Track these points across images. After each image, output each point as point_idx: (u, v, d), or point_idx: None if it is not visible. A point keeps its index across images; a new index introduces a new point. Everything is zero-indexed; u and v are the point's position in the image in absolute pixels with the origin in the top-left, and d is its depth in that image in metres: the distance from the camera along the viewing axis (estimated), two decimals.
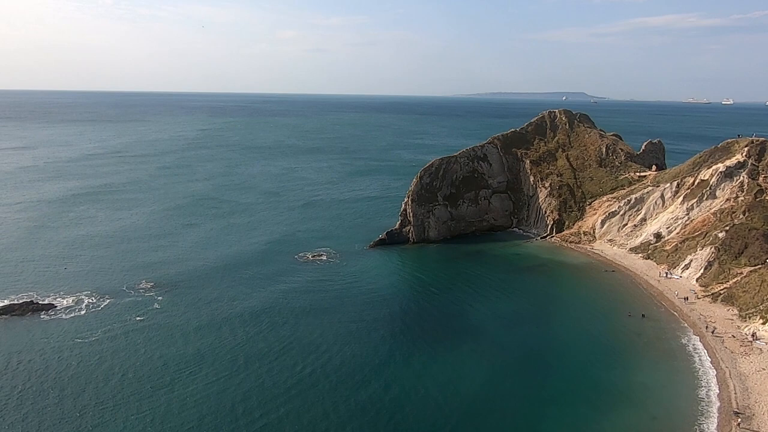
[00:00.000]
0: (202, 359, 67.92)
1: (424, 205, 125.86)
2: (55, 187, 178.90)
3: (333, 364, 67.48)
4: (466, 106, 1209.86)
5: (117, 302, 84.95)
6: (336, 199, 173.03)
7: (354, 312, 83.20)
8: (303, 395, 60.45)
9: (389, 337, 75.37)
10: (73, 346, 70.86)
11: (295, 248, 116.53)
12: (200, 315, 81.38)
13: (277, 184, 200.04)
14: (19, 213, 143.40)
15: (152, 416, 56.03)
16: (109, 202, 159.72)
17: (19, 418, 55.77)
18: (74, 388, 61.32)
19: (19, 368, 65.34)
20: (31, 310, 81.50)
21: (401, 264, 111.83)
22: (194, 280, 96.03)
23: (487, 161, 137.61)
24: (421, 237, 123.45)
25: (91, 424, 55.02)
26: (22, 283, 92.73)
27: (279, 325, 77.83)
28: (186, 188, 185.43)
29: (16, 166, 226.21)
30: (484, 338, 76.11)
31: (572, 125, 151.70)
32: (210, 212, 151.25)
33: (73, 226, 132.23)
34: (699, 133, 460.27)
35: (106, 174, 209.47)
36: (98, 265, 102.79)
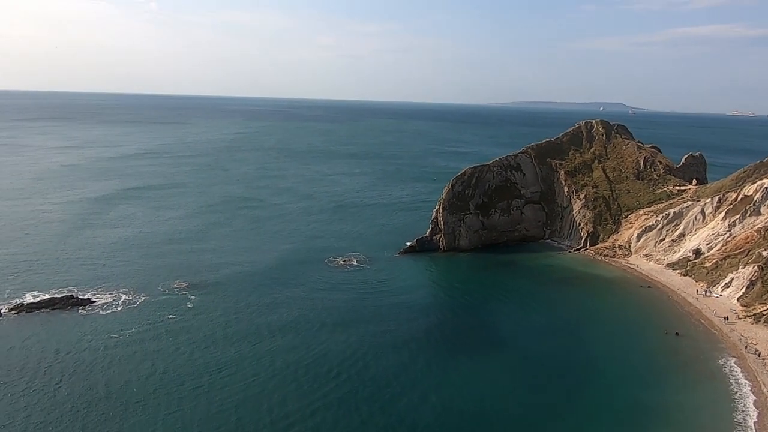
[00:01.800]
0: (239, 361, 68.64)
1: (456, 214, 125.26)
2: (98, 186, 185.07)
3: (369, 372, 67.45)
4: (500, 115, 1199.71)
5: (152, 300, 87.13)
6: (367, 204, 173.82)
7: (386, 320, 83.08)
8: (340, 403, 60.55)
9: (424, 347, 74.91)
10: (109, 342, 72.93)
11: (325, 252, 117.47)
12: (233, 316, 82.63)
13: (309, 187, 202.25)
14: (63, 210, 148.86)
15: (190, 416, 56.95)
16: (147, 201, 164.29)
17: (58, 407, 57.62)
18: (109, 381, 63.03)
19: (59, 360, 67.62)
20: (71, 304, 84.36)
21: (431, 272, 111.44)
22: (227, 280, 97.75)
23: (521, 171, 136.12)
24: (451, 245, 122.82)
25: (121, 416, 56.43)
26: (64, 277, 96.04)
27: (313, 331, 78.20)
28: (221, 189, 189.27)
29: (63, 164, 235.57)
30: (517, 351, 75.10)
31: (609, 136, 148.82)
32: (243, 213, 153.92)
33: (113, 224, 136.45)
34: (743, 147, 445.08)
35: (145, 174, 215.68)
36: (135, 263, 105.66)
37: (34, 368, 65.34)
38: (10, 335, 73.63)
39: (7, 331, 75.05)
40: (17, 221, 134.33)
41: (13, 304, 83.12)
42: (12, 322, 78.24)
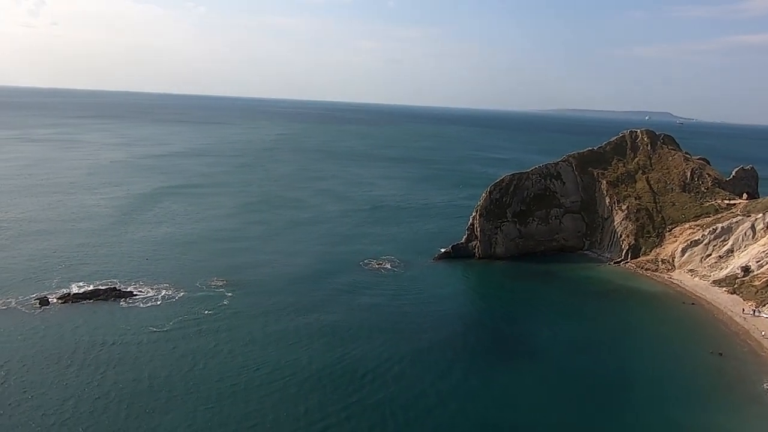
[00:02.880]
0: (276, 360, 69.51)
1: (493, 221, 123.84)
2: (144, 182, 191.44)
3: (405, 379, 67.21)
4: (540, 122, 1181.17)
5: (190, 296, 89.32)
6: (403, 208, 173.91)
7: (421, 327, 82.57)
8: (376, 408, 60.55)
9: (460, 356, 74.25)
10: (150, 335, 75.10)
11: (360, 254, 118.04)
12: (270, 316, 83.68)
13: (347, 189, 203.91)
14: (110, 204, 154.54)
15: (228, 413, 57.95)
16: (188, 198, 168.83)
17: (102, 394, 59.82)
18: (152, 374, 64.92)
19: (105, 350, 70.12)
20: (113, 296, 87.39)
21: (467, 279, 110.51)
22: (263, 279, 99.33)
23: (561, 179, 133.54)
24: (487, 253, 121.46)
25: (162, 408, 58.07)
26: (108, 270, 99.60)
27: (349, 335, 78.33)
28: (260, 189, 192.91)
29: (113, 160, 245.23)
30: (553, 364, 73.57)
31: (654, 146, 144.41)
32: (281, 213, 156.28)
33: (156, 220, 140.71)
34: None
35: (188, 172, 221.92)
36: (175, 259, 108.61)
37: (83, 357, 67.97)
38: (59, 324, 76.84)
39: (56, 319, 78.35)
40: (68, 214, 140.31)
41: (60, 294, 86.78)
42: (60, 310, 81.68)
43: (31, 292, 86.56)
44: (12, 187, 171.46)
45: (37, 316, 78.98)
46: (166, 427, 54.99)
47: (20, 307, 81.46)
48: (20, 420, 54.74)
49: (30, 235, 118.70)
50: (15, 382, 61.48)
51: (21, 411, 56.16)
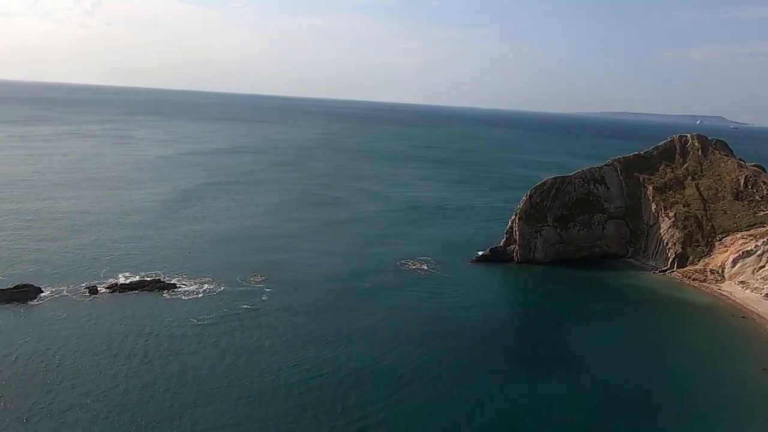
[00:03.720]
0: (314, 358, 70.04)
1: (533, 225, 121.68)
2: (188, 178, 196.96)
3: (431, 376, 67.16)
4: (584, 125, 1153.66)
5: (230, 291, 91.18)
6: (441, 209, 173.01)
7: (455, 328, 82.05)
8: (401, 404, 60.70)
9: (499, 363, 73.10)
10: (193, 327, 77.07)
11: (397, 254, 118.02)
12: (309, 314, 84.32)
13: (385, 188, 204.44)
14: (155, 198, 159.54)
15: (268, 409, 58.89)
16: (229, 194, 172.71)
17: (148, 383, 61.82)
18: (197, 365, 66.58)
19: (151, 340, 72.37)
20: (158, 288, 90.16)
21: (505, 284, 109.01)
22: (301, 276, 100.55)
23: (605, 184, 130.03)
24: (526, 257, 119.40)
25: (205, 400, 59.47)
26: (153, 262, 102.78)
27: (387, 337, 78.12)
28: (299, 187, 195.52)
29: (159, 156, 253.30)
30: (589, 373, 71.71)
31: (706, 152, 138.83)
32: (319, 211, 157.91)
33: (198, 215, 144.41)
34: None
35: (230, 168, 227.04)
36: (216, 253, 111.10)
37: (130, 345, 70.37)
38: (108, 312, 79.84)
39: (105, 308, 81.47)
40: (116, 207, 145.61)
41: (108, 283, 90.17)
42: (107, 300, 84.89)
43: (82, 281, 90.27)
44: (66, 180, 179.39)
45: (87, 304, 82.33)
46: (209, 418, 56.24)
47: (71, 295, 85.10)
48: (72, 405, 56.98)
49: (81, 227, 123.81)
50: (67, 367, 64.19)
51: (73, 396, 58.52)
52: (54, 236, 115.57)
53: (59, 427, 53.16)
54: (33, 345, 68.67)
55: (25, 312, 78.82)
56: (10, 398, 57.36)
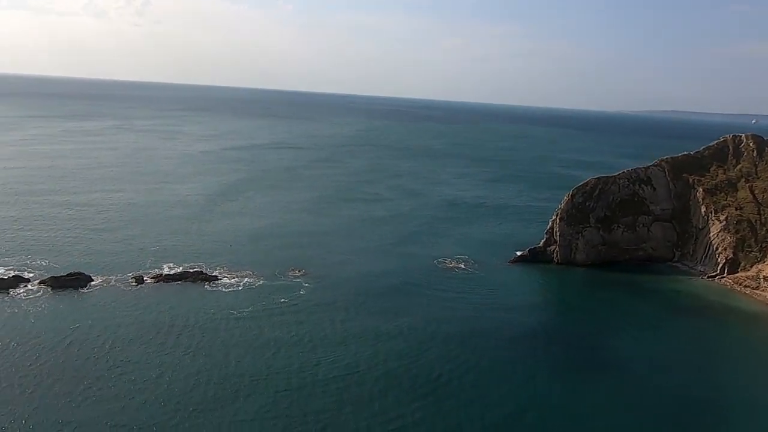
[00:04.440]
0: (351, 356, 70.50)
1: (574, 226, 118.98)
2: (230, 173, 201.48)
3: (470, 377, 66.59)
4: (630, 123, 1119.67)
5: (269, 284, 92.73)
6: (478, 207, 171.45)
7: (493, 330, 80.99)
8: (439, 404, 60.41)
9: (532, 362, 72.22)
10: (234, 319, 78.78)
11: (434, 252, 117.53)
12: (346, 310, 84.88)
13: (422, 185, 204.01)
14: (198, 192, 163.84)
15: (305, 403, 59.68)
16: (269, 189, 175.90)
17: (192, 373, 63.52)
18: (238, 357, 68.13)
19: (194, 330, 74.44)
20: (199, 279, 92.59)
21: (544, 285, 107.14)
22: (338, 271, 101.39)
23: (651, 185, 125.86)
24: (566, 259, 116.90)
25: (246, 391, 60.70)
26: (195, 254, 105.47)
27: (425, 336, 77.74)
28: (337, 182, 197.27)
29: (203, 151, 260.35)
30: (631, 380, 69.68)
31: (762, 153, 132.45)
32: (356, 207, 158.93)
33: (239, 209, 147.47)
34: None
35: (271, 164, 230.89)
36: (255, 247, 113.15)
37: (174, 335, 72.59)
38: (154, 302, 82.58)
39: (151, 298, 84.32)
40: (162, 200, 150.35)
41: (153, 274, 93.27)
42: (153, 289, 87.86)
43: (129, 270, 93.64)
44: (115, 173, 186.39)
45: (134, 294, 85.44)
46: (249, 410, 57.39)
47: (119, 284, 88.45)
48: (120, 391, 59.08)
49: (129, 219, 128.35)
50: (116, 354, 66.71)
51: (122, 383, 60.69)
52: (104, 227, 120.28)
53: (108, 414, 55.15)
54: (85, 331, 71.71)
55: (77, 299, 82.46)
56: (65, 381, 60.00)
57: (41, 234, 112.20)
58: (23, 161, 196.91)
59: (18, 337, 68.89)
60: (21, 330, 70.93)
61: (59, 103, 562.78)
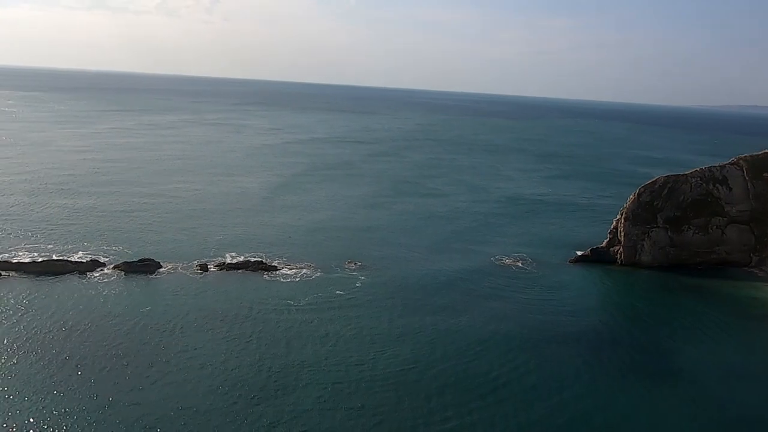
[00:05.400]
0: (400, 344, 70.91)
1: (640, 226, 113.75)
2: (290, 167, 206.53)
3: (530, 380, 65.07)
4: (707, 119, 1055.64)
5: (326, 276, 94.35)
6: (538, 203, 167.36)
7: (553, 333, 78.54)
8: (498, 405, 59.40)
9: (593, 365, 69.62)
10: (291, 308, 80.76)
11: (491, 249, 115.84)
12: (404, 305, 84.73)
13: (481, 180, 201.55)
14: (260, 184, 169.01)
15: (354, 388, 60.76)
16: (328, 182, 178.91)
17: (254, 362, 65.53)
18: (290, 342, 70.14)
19: (252, 316, 77.13)
20: (259, 269, 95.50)
21: (607, 286, 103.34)
22: (394, 266, 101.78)
23: (727, 185, 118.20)
24: (631, 260, 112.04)
25: (305, 381, 61.92)
26: (256, 244, 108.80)
27: (477, 328, 77.11)
28: (395, 176, 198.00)
29: (266, 144, 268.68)
30: (699, 389, 66.07)
31: None
32: (414, 201, 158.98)
33: (298, 201, 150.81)
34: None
35: (331, 157, 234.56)
36: (314, 239, 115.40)
37: (236, 321, 75.14)
38: (218, 289, 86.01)
39: (215, 284, 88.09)
40: (226, 192, 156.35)
41: (216, 262, 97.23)
42: (216, 277, 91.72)
43: (194, 258, 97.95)
44: (184, 165, 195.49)
45: (199, 281, 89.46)
46: (307, 400, 58.24)
47: (185, 271, 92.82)
48: (188, 377, 61.35)
49: (196, 209, 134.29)
50: (184, 338, 69.72)
51: (190, 367, 63.02)
52: (172, 217, 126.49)
53: (177, 397, 57.58)
54: (155, 315, 75.67)
55: (147, 284, 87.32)
56: (137, 363, 63.41)
57: (116, 222, 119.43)
58: (102, 153, 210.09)
59: (95, 318, 73.74)
60: (97, 311, 75.90)
61: (134, 98, 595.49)
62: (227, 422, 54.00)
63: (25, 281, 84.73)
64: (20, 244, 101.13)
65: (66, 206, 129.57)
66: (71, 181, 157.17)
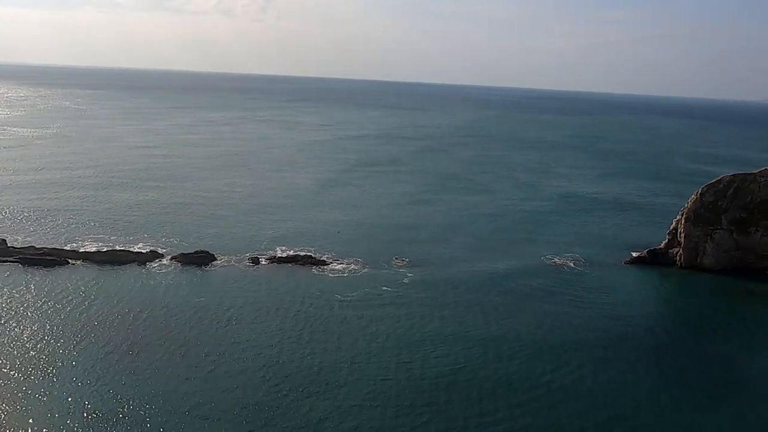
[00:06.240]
0: (450, 344, 70.33)
1: (703, 227, 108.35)
2: (340, 162, 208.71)
3: (586, 386, 63.00)
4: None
5: (373, 272, 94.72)
6: (592, 201, 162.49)
7: (610, 335, 76.06)
8: (552, 411, 57.95)
9: (654, 374, 67.02)
10: (340, 302, 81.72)
11: (542, 248, 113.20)
12: (450, 301, 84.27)
13: (531, 177, 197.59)
14: (310, 179, 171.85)
15: (403, 385, 60.78)
16: (376, 178, 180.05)
17: (304, 353, 66.64)
18: (341, 337, 70.93)
19: (303, 309, 78.68)
20: (308, 263, 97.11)
21: (667, 290, 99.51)
22: (442, 262, 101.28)
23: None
24: (691, 263, 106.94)
25: (354, 377, 62.22)
26: (306, 238, 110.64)
27: (529, 332, 75.34)
28: (444, 173, 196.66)
29: (316, 140, 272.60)
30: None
31: None
32: (462, 198, 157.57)
33: (348, 196, 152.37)
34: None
35: (379, 153, 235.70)
36: (361, 235, 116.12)
37: (291, 315, 76.57)
38: (269, 283, 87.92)
39: (266, 277, 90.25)
40: (277, 186, 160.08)
41: (267, 255, 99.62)
42: (267, 270, 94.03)
43: (246, 251, 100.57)
44: (238, 161, 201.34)
45: (251, 273, 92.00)
46: (357, 396, 58.45)
47: (237, 264, 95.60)
48: (242, 368, 62.57)
49: (248, 203, 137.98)
50: (238, 329, 71.54)
51: (243, 360, 64.28)
52: (226, 210, 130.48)
53: (231, 389, 58.67)
54: (210, 306, 78.20)
55: (202, 275, 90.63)
56: (193, 354, 65.52)
57: (173, 215, 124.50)
58: (162, 149, 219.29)
59: (154, 307, 77.02)
60: (156, 300, 79.33)
61: (192, 96, 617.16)
62: (279, 415, 55.11)
63: (91, 269, 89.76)
64: (87, 234, 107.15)
65: (128, 199, 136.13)
66: (133, 175, 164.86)
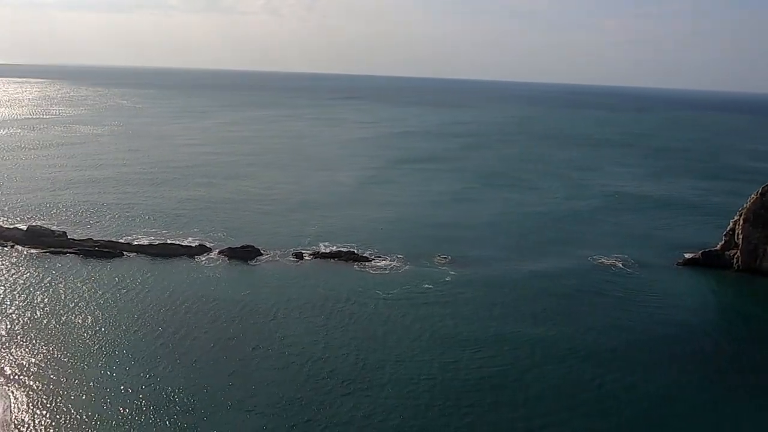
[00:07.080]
0: (495, 344, 69.68)
1: (762, 229, 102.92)
2: (383, 159, 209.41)
3: (638, 394, 60.75)
4: None
5: (415, 269, 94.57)
6: (642, 200, 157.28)
7: (665, 341, 73.10)
8: (604, 418, 56.22)
9: (715, 384, 64.34)
10: (382, 299, 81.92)
11: (588, 248, 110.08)
12: (494, 302, 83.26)
13: (578, 174, 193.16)
14: (354, 175, 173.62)
15: (456, 386, 60.40)
16: (419, 174, 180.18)
17: (344, 346, 67.62)
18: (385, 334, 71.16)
19: (346, 306, 79.21)
20: (351, 259, 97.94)
21: (722, 294, 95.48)
22: (485, 261, 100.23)
23: None
24: (749, 266, 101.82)
25: (396, 376, 62.16)
26: (349, 234, 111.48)
27: (577, 337, 73.02)
28: (487, 170, 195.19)
29: (360, 137, 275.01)
30: None
31: None
32: (507, 195, 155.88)
33: (390, 193, 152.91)
34: None
35: (421, 150, 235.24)
36: (404, 232, 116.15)
37: (336, 312, 77.49)
38: (313, 278, 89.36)
39: (310, 273, 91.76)
40: (321, 183, 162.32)
41: (311, 251, 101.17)
42: (311, 265, 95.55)
43: (290, 246, 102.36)
44: (284, 158, 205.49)
45: (295, 268, 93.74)
46: (401, 394, 58.64)
47: (282, 259, 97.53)
48: (288, 363, 63.65)
49: (293, 200, 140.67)
50: (283, 325, 72.85)
51: (289, 354, 65.41)
52: (272, 206, 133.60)
53: (277, 383, 59.92)
54: (256, 300, 79.97)
55: (248, 269, 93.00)
56: (240, 347, 67.06)
57: (221, 210, 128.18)
58: (211, 146, 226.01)
59: (203, 300, 79.46)
60: (205, 293, 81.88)
61: (240, 95, 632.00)
62: (323, 410, 55.76)
63: (144, 261, 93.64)
64: (141, 228, 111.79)
65: (178, 195, 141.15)
66: (184, 171, 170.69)
